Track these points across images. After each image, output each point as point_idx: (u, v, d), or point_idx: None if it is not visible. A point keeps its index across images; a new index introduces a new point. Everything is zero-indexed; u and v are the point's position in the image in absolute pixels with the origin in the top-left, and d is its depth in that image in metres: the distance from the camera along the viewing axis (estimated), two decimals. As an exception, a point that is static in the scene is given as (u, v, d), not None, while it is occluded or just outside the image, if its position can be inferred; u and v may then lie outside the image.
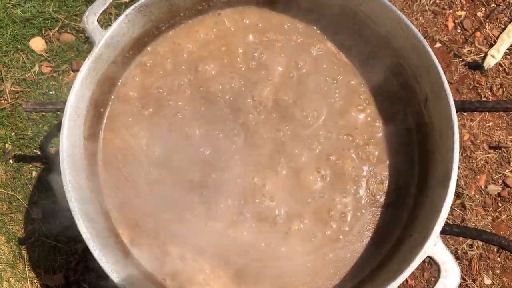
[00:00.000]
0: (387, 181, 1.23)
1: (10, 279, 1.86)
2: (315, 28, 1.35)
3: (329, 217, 1.21)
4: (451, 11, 2.10)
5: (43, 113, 1.97)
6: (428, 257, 1.00)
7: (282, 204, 1.22)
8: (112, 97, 1.31)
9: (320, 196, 1.22)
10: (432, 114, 1.17)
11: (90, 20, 1.19)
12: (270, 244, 1.19)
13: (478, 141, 1.98)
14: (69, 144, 1.14)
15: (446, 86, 1.09)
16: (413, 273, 0.97)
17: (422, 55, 1.14)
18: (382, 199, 1.22)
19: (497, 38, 2.05)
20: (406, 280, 1.79)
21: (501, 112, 1.92)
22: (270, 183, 1.23)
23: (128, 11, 1.20)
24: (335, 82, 1.30)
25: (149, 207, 1.23)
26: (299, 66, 1.32)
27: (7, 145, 1.98)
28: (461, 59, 2.05)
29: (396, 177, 1.24)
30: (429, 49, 1.12)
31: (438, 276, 1.00)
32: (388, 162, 1.25)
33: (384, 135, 1.26)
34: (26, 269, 1.87)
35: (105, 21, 2.07)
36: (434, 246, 1.00)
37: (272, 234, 1.20)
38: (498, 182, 1.94)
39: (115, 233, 1.19)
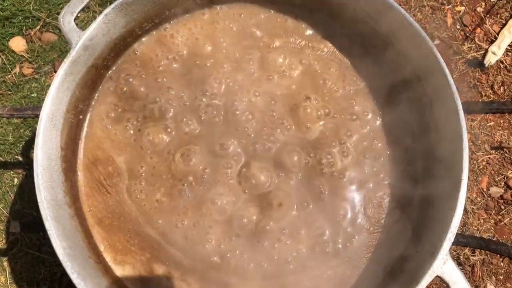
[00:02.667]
0: (387, 201, 1.15)
1: (-9, 292, 1.78)
2: (311, 28, 1.27)
3: (328, 232, 1.12)
4: (450, 6, 2.04)
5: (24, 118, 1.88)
6: (437, 276, 0.92)
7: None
8: (93, 103, 1.22)
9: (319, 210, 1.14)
10: (437, 119, 1.09)
11: (67, 20, 1.10)
12: (263, 262, 1.11)
13: (479, 142, 1.93)
14: (44, 156, 1.05)
15: (454, 88, 1.01)
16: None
17: (427, 55, 1.07)
18: (382, 221, 1.14)
19: (498, 34, 2.00)
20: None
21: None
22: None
23: (107, 10, 1.11)
24: (333, 86, 1.22)
25: (133, 222, 1.14)
26: (295, 67, 1.24)
27: (-14, 151, 1.89)
28: (460, 56, 2.00)
29: (396, 191, 1.16)
30: (435, 49, 1.04)
31: (449, 298, 0.93)
32: (387, 174, 1.17)
33: (384, 143, 1.18)
34: (8, 282, 1.80)
35: (88, 19, 1.98)
36: (444, 265, 0.92)
37: (266, 251, 1.11)
38: (501, 184, 1.89)
39: (96, 252, 1.11)
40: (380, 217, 1.14)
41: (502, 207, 1.87)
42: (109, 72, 1.23)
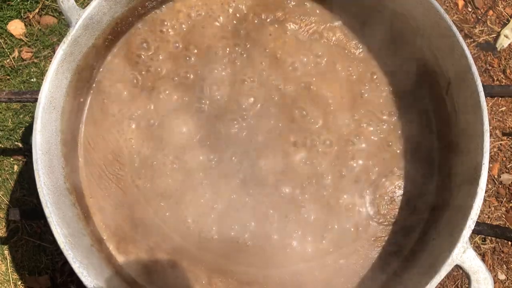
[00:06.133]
0: (399, 194, 1.11)
1: (-8, 281, 1.75)
2: (324, 8, 1.21)
3: (339, 220, 1.08)
4: (461, -12, 1.98)
5: (24, 103, 1.83)
6: (457, 265, 0.88)
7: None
8: (94, 85, 1.16)
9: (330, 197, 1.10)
10: (455, 101, 1.05)
11: (66, -3, 1.04)
12: (272, 251, 1.07)
13: (491, 127, 1.89)
14: (43, 140, 1.00)
15: (474, 69, 0.96)
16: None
17: (445, 34, 1.02)
18: (397, 214, 1.11)
19: (511, 16, 1.93)
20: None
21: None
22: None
23: (109, -14, 1.06)
24: (349, 68, 1.17)
25: (136, 209, 1.10)
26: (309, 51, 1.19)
27: (-15, 137, 1.85)
28: (472, 40, 1.94)
29: (410, 182, 1.12)
30: (454, 28, 0.99)
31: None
32: (398, 165, 1.12)
33: (398, 128, 1.13)
34: (9, 270, 1.77)
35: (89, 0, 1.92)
36: (463, 254, 0.88)
37: (276, 239, 1.07)
38: (512, 171, 1.84)
39: (98, 240, 1.07)
40: (394, 212, 1.10)
41: (514, 194, 1.83)
42: (111, 52, 1.18)
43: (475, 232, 1.20)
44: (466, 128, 1.01)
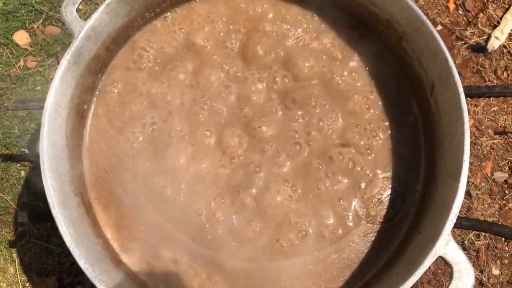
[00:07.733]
0: (386, 194, 1.16)
1: (1, 283, 1.80)
2: (312, 15, 1.27)
3: (332, 216, 1.14)
4: (452, -9, 2.02)
5: (29, 110, 1.89)
6: (440, 257, 0.93)
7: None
8: (97, 93, 1.23)
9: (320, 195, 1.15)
10: (439, 102, 1.10)
11: (69, 10, 1.11)
12: (270, 245, 1.13)
13: (483, 127, 1.92)
14: (50, 145, 1.06)
15: (455, 71, 1.01)
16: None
17: (428, 39, 1.07)
18: (385, 214, 1.15)
19: (501, 18, 1.98)
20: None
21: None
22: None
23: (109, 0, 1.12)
24: (334, 73, 1.23)
25: (139, 208, 1.16)
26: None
27: (-7, 144, 1.90)
28: (463, 42, 1.98)
29: (396, 183, 1.17)
30: (435, 33, 1.04)
31: (451, 278, 0.94)
32: (384, 167, 1.17)
33: (387, 129, 1.19)
34: (18, 272, 1.81)
35: (91, 12, 1.98)
36: (446, 246, 0.93)
37: (271, 234, 1.13)
38: (505, 169, 1.88)
39: (103, 239, 1.12)
40: (383, 212, 1.15)
41: (507, 191, 1.86)
42: (113, 61, 1.24)
43: (464, 227, 1.25)
44: (449, 127, 1.06)
